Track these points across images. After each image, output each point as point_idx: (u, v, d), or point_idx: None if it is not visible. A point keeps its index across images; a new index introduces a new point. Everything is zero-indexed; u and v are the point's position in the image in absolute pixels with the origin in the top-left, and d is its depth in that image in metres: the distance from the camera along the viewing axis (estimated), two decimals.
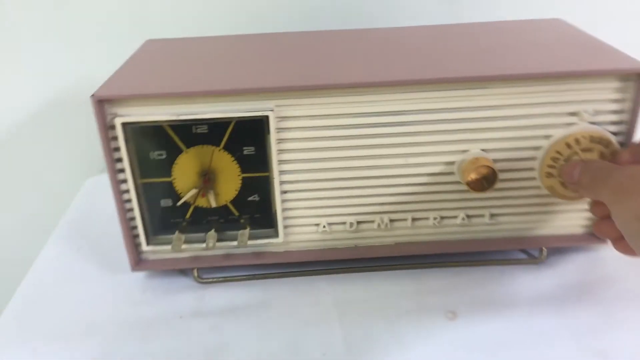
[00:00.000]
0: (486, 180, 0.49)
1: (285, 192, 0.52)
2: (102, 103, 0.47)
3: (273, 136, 0.48)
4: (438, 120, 0.49)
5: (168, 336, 0.49)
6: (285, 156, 0.50)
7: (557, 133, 0.49)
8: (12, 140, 0.82)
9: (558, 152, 0.49)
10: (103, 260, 0.59)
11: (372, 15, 0.77)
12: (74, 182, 0.79)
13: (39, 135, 0.81)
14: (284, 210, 0.52)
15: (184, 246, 0.53)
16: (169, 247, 0.53)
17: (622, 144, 0.49)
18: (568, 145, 0.48)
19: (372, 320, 0.49)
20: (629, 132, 0.49)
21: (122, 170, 0.50)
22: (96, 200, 0.71)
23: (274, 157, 0.49)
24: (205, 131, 0.49)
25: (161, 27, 0.76)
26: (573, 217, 0.54)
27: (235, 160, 0.50)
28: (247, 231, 0.53)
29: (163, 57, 0.57)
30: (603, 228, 0.46)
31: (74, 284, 0.56)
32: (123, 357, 0.47)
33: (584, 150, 0.48)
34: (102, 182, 0.75)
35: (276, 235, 0.53)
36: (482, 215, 0.53)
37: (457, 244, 0.55)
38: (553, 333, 0.47)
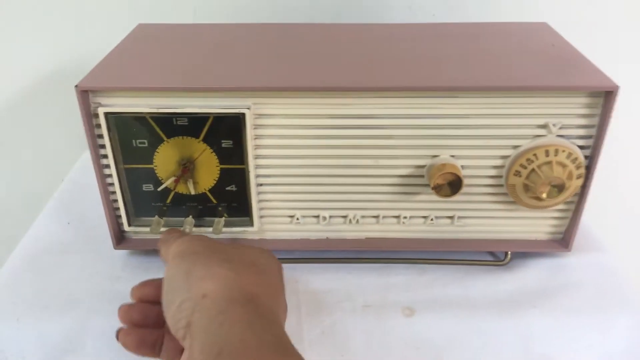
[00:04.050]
0: (451, 187, 0.50)
1: (260, 184, 0.54)
2: (86, 93, 0.49)
3: (249, 132, 0.50)
4: (409, 125, 0.50)
5: None
6: (261, 151, 0.52)
7: (526, 144, 0.50)
8: (10, 112, 0.85)
9: (535, 155, 0.50)
10: (89, 235, 0.62)
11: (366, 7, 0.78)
12: (71, 155, 0.82)
13: (37, 109, 0.84)
14: (259, 201, 0.55)
15: (163, 229, 0.56)
16: (149, 228, 0.56)
17: (587, 157, 0.51)
18: (546, 153, 0.49)
19: (332, 312, 0.51)
20: (596, 147, 0.50)
21: (105, 156, 0.52)
22: (90, 174, 0.74)
23: (250, 152, 0.52)
24: (186, 123, 0.51)
25: (154, 10, 0.78)
26: (538, 224, 0.56)
27: (213, 152, 0.52)
28: (222, 219, 0.55)
29: (150, 46, 0.58)
30: None
31: (60, 257, 0.59)
32: (96, 330, 0.50)
33: (558, 163, 0.49)
34: None
35: (251, 224, 0.56)
36: (450, 217, 0.55)
37: (423, 242, 0.57)
38: (503, 337, 0.49)
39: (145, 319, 0.45)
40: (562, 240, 0.56)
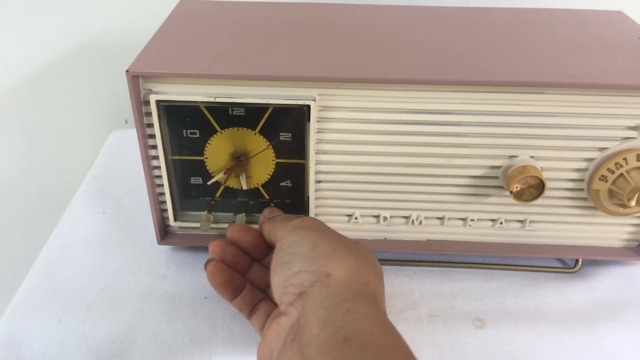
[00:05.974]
0: (532, 191, 0.46)
1: (319, 181, 0.50)
2: (137, 78, 0.44)
3: (313, 125, 0.46)
4: (488, 123, 0.46)
5: (192, 317, 0.48)
6: (324, 146, 0.48)
7: (614, 146, 0.46)
8: (35, 90, 0.80)
9: (625, 159, 0.46)
10: (127, 227, 0.58)
11: None
12: (98, 135, 0.78)
13: (63, 86, 0.79)
14: (316, 198, 0.51)
15: (213, 225, 0.52)
16: (196, 224, 0.52)
17: None
18: (637, 157, 0.45)
19: (397, 322, 0.48)
20: None
21: (154, 147, 0.48)
22: (120, 157, 0.70)
23: (312, 146, 0.47)
24: (242, 114, 0.47)
25: None
26: (613, 230, 0.52)
27: (270, 145, 0.48)
28: None
29: (199, 26, 0.53)
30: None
31: (98, 250, 0.55)
32: (145, 333, 0.47)
33: None
34: (127, 137, 0.74)
35: None
36: (521, 221, 0.52)
37: (491, 246, 0.53)
38: (582, 352, 0.46)
39: (235, 263, 0.45)
40: (638, 248, 0.53)
